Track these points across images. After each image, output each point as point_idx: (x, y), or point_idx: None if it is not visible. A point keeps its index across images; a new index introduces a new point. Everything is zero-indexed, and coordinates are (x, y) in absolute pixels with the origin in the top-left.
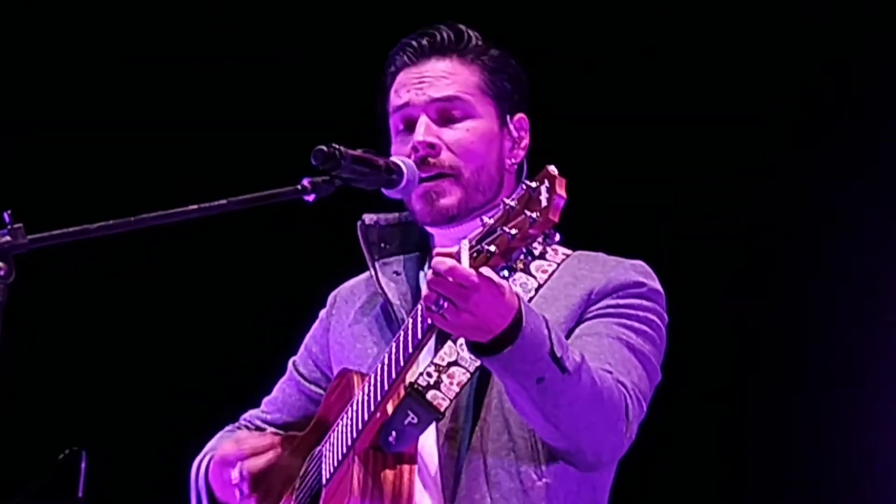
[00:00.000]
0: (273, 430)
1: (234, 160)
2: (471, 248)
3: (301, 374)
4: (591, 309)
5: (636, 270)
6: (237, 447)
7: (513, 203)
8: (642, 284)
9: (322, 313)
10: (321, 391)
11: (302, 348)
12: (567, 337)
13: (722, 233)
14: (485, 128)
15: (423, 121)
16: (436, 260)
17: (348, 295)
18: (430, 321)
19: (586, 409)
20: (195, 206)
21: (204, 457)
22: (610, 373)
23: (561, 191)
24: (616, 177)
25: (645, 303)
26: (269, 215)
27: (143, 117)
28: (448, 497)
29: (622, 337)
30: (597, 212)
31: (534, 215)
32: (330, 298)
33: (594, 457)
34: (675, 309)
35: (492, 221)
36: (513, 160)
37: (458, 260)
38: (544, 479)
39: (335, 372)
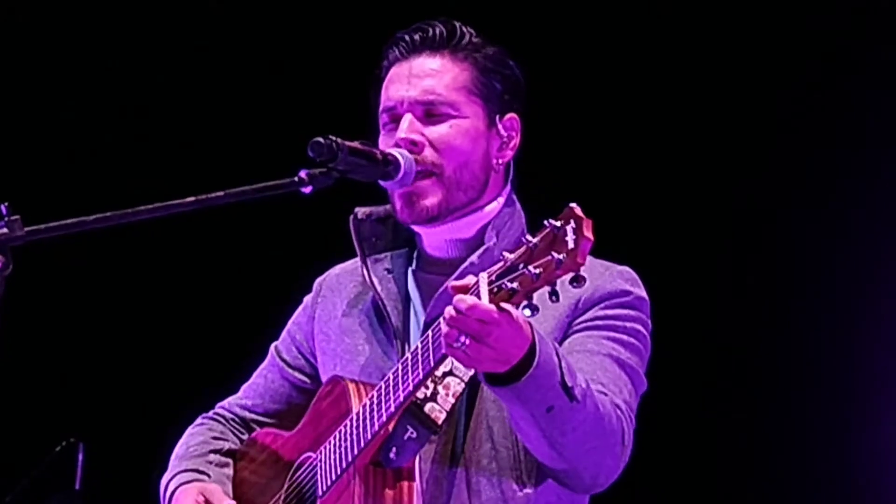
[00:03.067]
0: (254, 416)
1: (230, 152)
2: (490, 282)
3: (284, 361)
4: (578, 319)
5: (623, 278)
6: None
7: (536, 241)
8: (628, 293)
9: (307, 299)
10: (305, 378)
11: (284, 334)
12: None
13: (720, 231)
14: (470, 126)
15: (408, 118)
16: (456, 298)
17: (335, 283)
18: (442, 352)
19: (589, 435)
20: (192, 199)
21: (173, 478)
22: (605, 394)
23: (588, 233)
24: (613, 176)
25: (631, 312)
26: (262, 205)
27: (140, 109)
28: (428, 502)
29: (612, 353)
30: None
31: (560, 257)
32: (315, 285)
33: (591, 480)
34: (672, 308)
35: (513, 257)
36: (500, 160)
37: (477, 294)
38: (525, 490)
39: (320, 362)
